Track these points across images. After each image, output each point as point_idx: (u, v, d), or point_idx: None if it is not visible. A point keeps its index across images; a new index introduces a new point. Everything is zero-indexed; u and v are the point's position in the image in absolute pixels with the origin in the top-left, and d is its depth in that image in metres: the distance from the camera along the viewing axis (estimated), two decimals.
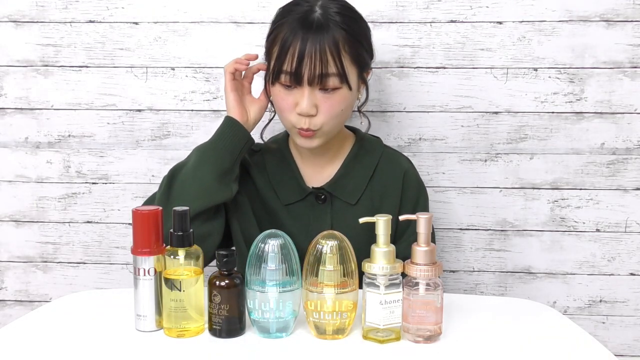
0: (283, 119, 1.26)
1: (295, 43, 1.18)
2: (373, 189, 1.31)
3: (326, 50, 1.17)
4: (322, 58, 1.17)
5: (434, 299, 0.98)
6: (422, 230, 0.98)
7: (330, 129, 1.24)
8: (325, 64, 1.18)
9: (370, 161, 1.33)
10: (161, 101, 1.59)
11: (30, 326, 1.06)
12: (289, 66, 1.19)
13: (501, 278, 1.62)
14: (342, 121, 1.27)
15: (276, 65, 1.21)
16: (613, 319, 1.62)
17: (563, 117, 1.55)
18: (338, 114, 1.23)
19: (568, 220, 1.59)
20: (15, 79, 1.60)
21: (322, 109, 1.21)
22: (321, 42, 1.17)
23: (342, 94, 1.22)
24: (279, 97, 1.24)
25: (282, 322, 0.99)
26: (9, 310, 1.68)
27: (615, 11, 1.51)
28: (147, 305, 1.02)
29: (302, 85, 1.20)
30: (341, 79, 1.20)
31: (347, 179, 1.31)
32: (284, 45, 1.19)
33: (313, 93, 1.20)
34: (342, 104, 1.22)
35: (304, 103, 1.20)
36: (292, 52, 1.18)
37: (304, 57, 1.17)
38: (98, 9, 1.57)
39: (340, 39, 1.19)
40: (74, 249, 1.66)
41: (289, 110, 1.23)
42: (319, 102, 1.21)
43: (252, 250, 0.99)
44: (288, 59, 1.18)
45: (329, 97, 1.21)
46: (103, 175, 1.63)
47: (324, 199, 1.30)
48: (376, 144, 1.36)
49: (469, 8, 1.52)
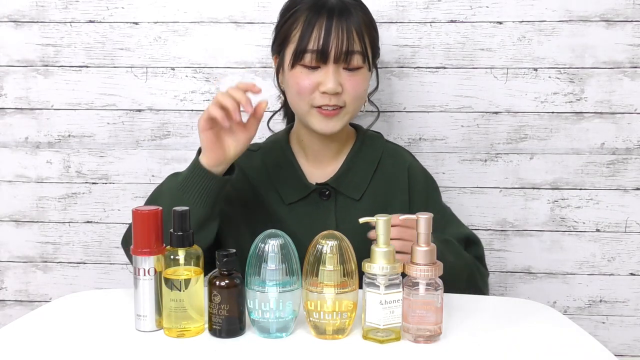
0: (301, 103, 1.24)
1: (321, 21, 1.19)
2: (377, 184, 1.31)
3: (352, 29, 1.20)
4: (349, 35, 1.19)
5: (434, 299, 0.98)
6: (422, 230, 0.98)
7: (352, 111, 1.25)
8: (352, 42, 1.19)
9: (373, 156, 1.32)
10: (161, 101, 1.59)
11: (30, 326, 1.06)
12: (315, 44, 1.19)
13: (501, 278, 1.62)
14: (361, 105, 1.28)
15: (300, 46, 1.20)
16: (613, 319, 1.62)
17: (563, 117, 1.55)
18: (361, 94, 1.24)
19: (568, 220, 1.59)
20: (15, 79, 1.60)
21: (347, 88, 1.21)
22: (347, 21, 1.19)
23: (364, 74, 1.24)
24: (300, 79, 1.22)
25: (282, 322, 0.99)
26: (9, 310, 1.68)
27: (615, 11, 1.51)
28: (147, 305, 1.01)
29: (327, 64, 1.20)
30: (364, 58, 1.22)
31: (351, 175, 1.30)
32: (309, 25, 1.19)
33: (338, 71, 1.21)
34: (364, 83, 1.24)
35: (330, 81, 1.20)
36: (319, 29, 1.19)
37: (330, 33, 1.18)
38: (98, 9, 1.57)
39: (362, 21, 1.22)
40: (74, 249, 1.66)
41: (309, 91, 1.22)
42: (344, 81, 1.21)
43: (252, 250, 0.99)
44: (314, 36, 1.19)
45: (353, 76, 1.22)
46: (103, 175, 1.63)
47: (328, 195, 1.29)
48: (378, 139, 1.37)
49: (469, 8, 1.52)
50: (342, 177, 1.30)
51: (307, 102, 1.23)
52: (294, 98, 1.25)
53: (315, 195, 1.30)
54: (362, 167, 1.31)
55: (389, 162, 1.33)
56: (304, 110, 1.24)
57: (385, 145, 1.36)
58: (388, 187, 1.31)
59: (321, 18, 1.19)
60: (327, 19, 1.19)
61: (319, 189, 1.30)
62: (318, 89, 1.21)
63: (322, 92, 1.21)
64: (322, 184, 1.30)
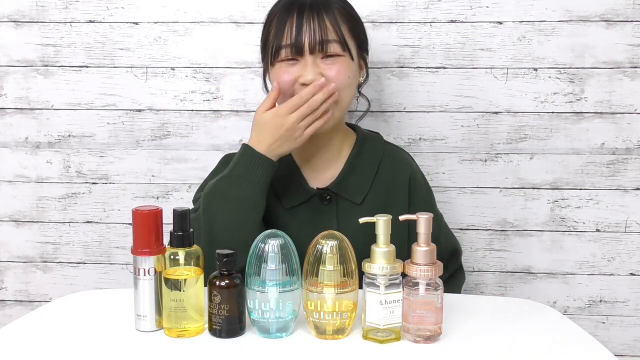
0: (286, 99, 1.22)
1: (292, 17, 1.20)
2: (377, 187, 1.30)
3: (324, 19, 1.20)
4: (321, 25, 1.19)
5: (434, 299, 0.98)
6: (422, 230, 0.98)
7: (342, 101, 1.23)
8: (325, 31, 1.19)
9: (373, 158, 1.32)
10: (161, 101, 1.59)
11: (30, 326, 1.06)
12: (288, 38, 1.20)
13: (501, 278, 1.62)
14: (352, 96, 1.26)
15: (275, 43, 1.21)
16: (613, 319, 1.62)
17: (563, 117, 1.55)
18: (347, 82, 1.23)
19: (568, 220, 1.59)
20: (15, 79, 1.60)
21: (329, 77, 1.20)
22: (318, 12, 1.20)
23: (345, 61, 1.22)
24: (280, 74, 1.22)
25: (282, 322, 0.99)
26: (9, 310, 1.68)
27: (615, 11, 1.51)
28: (147, 305, 1.01)
29: (303, 56, 1.20)
30: (342, 47, 1.21)
31: (352, 178, 1.30)
32: (281, 22, 1.21)
33: (316, 62, 1.21)
34: (348, 71, 1.23)
35: (308, 72, 1.20)
36: (290, 24, 1.20)
37: (302, 26, 1.19)
38: (98, 9, 1.57)
39: (336, 12, 1.22)
40: (74, 249, 1.66)
41: (290, 85, 1.22)
42: (324, 71, 1.21)
43: (252, 250, 0.99)
44: (286, 32, 1.20)
45: (333, 63, 1.21)
46: (103, 175, 1.63)
47: (329, 200, 1.29)
48: (377, 140, 1.36)
49: (469, 8, 1.52)
50: (343, 181, 1.29)
51: (289, 95, 1.22)
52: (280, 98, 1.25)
53: (316, 199, 1.29)
54: (363, 170, 1.30)
55: (390, 164, 1.32)
56: None
57: (385, 146, 1.35)
58: (388, 189, 1.31)
59: (292, 13, 1.20)
60: (297, 14, 1.20)
61: (319, 193, 1.29)
62: (298, 81, 1.21)
63: (301, 84, 1.21)
64: (323, 188, 1.29)
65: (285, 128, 1.19)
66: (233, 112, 1.59)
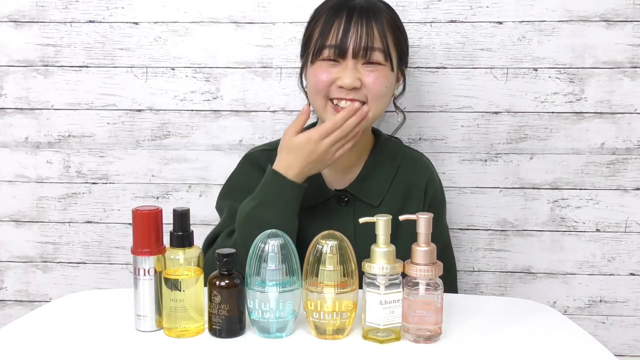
0: (318, 98, 1.23)
1: (341, 18, 1.20)
2: (395, 191, 1.30)
3: (372, 26, 1.20)
4: (368, 32, 1.19)
5: (434, 299, 0.98)
6: (422, 230, 0.98)
7: (374, 112, 1.23)
8: (371, 38, 1.19)
9: (392, 162, 1.32)
10: (161, 101, 1.59)
11: (30, 326, 1.06)
12: (333, 39, 1.19)
13: (501, 278, 1.62)
14: (385, 106, 1.26)
15: (319, 41, 1.21)
16: (613, 319, 1.62)
17: (563, 117, 1.55)
18: (383, 91, 1.22)
19: (568, 220, 1.59)
20: (15, 79, 1.60)
21: (366, 82, 1.20)
22: (367, 18, 1.20)
23: (385, 71, 1.22)
24: (318, 73, 1.22)
25: (282, 322, 0.99)
26: (9, 310, 1.68)
27: (615, 11, 1.51)
28: (147, 305, 1.01)
29: (345, 59, 1.20)
30: (385, 56, 1.21)
31: (371, 181, 1.30)
32: (328, 22, 1.20)
33: (356, 67, 1.20)
34: (386, 81, 1.22)
35: (347, 76, 1.19)
36: (337, 25, 1.19)
37: (349, 29, 1.19)
38: (98, 9, 1.57)
39: (385, 21, 1.22)
40: (74, 249, 1.66)
41: (327, 85, 1.21)
42: (363, 77, 1.20)
43: (252, 250, 0.99)
44: (333, 32, 1.20)
45: (373, 71, 1.21)
46: (103, 175, 1.63)
47: (347, 202, 1.29)
48: (397, 144, 1.37)
49: (469, 8, 1.52)
50: (361, 184, 1.29)
51: (323, 95, 1.22)
52: (312, 94, 1.25)
53: (334, 201, 1.29)
54: (382, 173, 1.30)
55: (408, 168, 1.32)
56: (321, 105, 1.24)
57: (405, 151, 1.36)
58: (406, 193, 1.31)
59: (341, 15, 1.20)
60: (346, 16, 1.20)
61: (337, 195, 1.29)
62: (335, 83, 1.21)
63: (339, 87, 1.20)
64: (341, 190, 1.29)
65: (317, 154, 1.19)
66: (233, 112, 1.59)
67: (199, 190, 1.61)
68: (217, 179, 1.60)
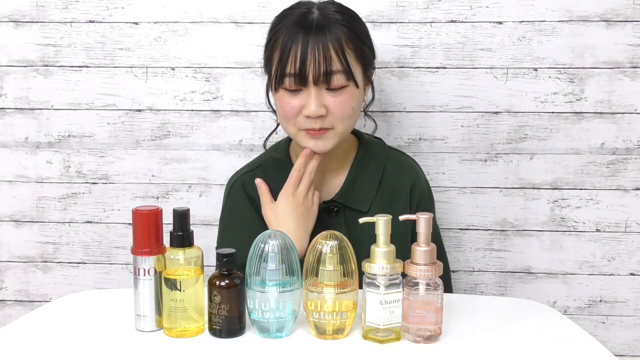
0: (288, 126, 1.23)
1: (297, 44, 1.16)
2: (382, 193, 1.30)
3: (329, 48, 1.16)
4: (326, 55, 1.16)
5: (434, 299, 0.98)
6: (422, 230, 0.98)
7: (342, 131, 1.22)
8: (329, 61, 1.16)
9: (377, 165, 1.31)
10: (161, 101, 1.59)
11: (30, 326, 1.06)
12: (292, 68, 1.16)
13: (501, 278, 1.62)
14: (354, 121, 1.25)
15: (279, 70, 1.18)
16: (613, 319, 1.62)
17: (563, 117, 1.55)
18: (349, 113, 1.21)
19: (568, 220, 1.59)
20: (15, 79, 1.60)
21: (332, 109, 1.19)
22: (323, 40, 1.16)
23: (350, 91, 1.20)
24: (284, 102, 1.20)
25: (282, 322, 0.99)
26: (9, 310, 1.68)
27: (615, 11, 1.51)
28: (147, 305, 1.02)
29: (307, 87, 1.18)
30: (347, 76, 1.18)
31: (357, 187, 1.29)
32: (285, 49, 1.17)
33: (320, 93, 1.18)
34: (352, 101, 1.20)
35: (311, 104, 1.17)
36: (294, 53, 1.16)
37: (307, 56, 1.15)
38: (98, 9, 1.57)
39: (343, 36, 1.18)
40: (74, 249, 1.66)
41: (294, 115, 1.20)
42: (328, 103, 1.18)
43: (252, 250, 0.99)
44: (290, 60, 1.16)
45: (337, 96, 1.19)
46: (103, 175, 1.63)
47: (337, 212, 1.28)
48: (380, 146, 1.35)
49: (469, 8, 1.52)
50: (348, 191, 1.29)
51: (293, 125, 1.21)
52: (282, 121, 1.25)
53: (324, 213, 1.28)
54: (367, 179, 1.30)
55: (394, 170, 1.32)
56: (292, 133, 1.24)
57: (388, 153, 1.35)
58: (393, 195, 1.30)
59: (297, 40, 1.16)
60: (302, 40, 1.16)
61: (326, 207, 1.29)
62: (302, 112, 1.19)
63: (305, 116, 1.19)
64: (329, 201, 1.29)
65: (300, 203, 1.21)
66: (233, 112, 1.59)
67: (199, 190, 1.61)
68: (217, 179, 1.60)
